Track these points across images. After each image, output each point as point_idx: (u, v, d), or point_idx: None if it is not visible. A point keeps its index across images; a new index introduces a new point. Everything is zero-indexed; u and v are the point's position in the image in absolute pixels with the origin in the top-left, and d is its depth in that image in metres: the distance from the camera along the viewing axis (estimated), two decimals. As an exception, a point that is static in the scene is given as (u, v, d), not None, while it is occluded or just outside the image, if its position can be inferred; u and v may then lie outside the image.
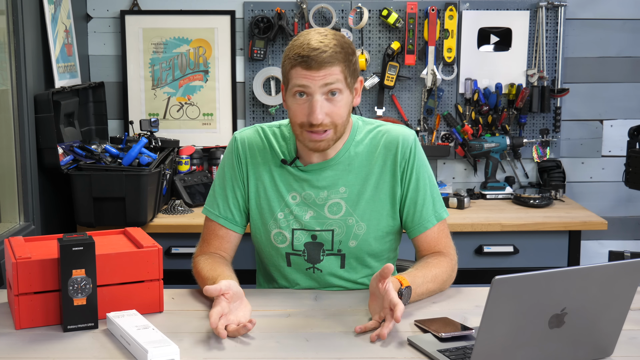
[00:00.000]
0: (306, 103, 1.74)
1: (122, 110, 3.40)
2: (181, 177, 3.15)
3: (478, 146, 3.28)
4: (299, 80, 1.72)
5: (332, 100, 1.74)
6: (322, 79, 1.71)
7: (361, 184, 1.87)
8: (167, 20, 3.35)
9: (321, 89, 1.72)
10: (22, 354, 1.52)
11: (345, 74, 1.74)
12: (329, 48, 1.70)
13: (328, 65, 1.70)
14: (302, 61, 1.70)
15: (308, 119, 1.74)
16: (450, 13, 3.29)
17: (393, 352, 1.52)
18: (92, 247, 1.62)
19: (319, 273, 1.91)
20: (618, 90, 3.44)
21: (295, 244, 1.89)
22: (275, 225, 1.89)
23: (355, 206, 1.86)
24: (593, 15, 3.39)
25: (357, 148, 1.88)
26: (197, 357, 1.50)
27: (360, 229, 1.87)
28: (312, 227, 1.87)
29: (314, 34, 1.74)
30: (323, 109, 1.73)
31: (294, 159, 1.87)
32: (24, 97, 2.53)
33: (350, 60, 1.75)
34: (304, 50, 1.70)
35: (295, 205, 1.88)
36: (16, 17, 2.51)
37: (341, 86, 1.73)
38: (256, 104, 3.39)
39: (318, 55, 1.69)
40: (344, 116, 1.77)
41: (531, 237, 2.93)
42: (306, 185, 1.87)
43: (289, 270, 1.93)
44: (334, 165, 1.87)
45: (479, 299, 1.81)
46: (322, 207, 1.87)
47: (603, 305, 1.38)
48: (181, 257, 2.88)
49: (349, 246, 1.88)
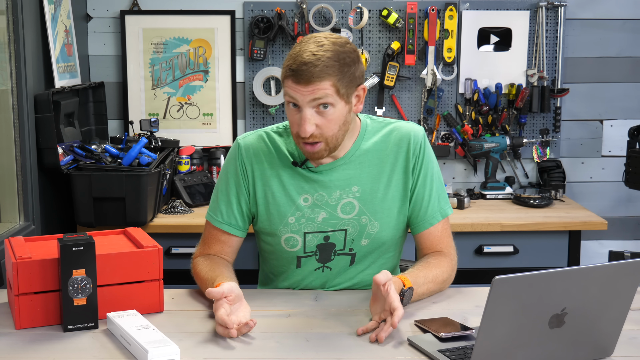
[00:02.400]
0: (298, 114, 1.74)
1: (122, 110, 3.40)
2: (181, 177, 3.15)
3: (478, 146, 3.28)
4: (290, 92, 1.72)
5: (323, 113, 1.72)
6: (310, 94, 1.69)
7: (373, 182, 1.87)
8: (167, 20, 3.35)
9: (310, 103, 1.71)
10: (22, 354, 1.52)
11: (338, 86, 1.70)
12: (321, 62, 1.68)
13: (317, 80, 1.68)
14: (292, 74, 1.69)
15: (298, 132, 1.74)
16: (450, 13, 3.29)
17: (393, 352, 1.52)
18: (92, 247, 1.62)
19: (328, 271, 1.92)
20: (618, 90, 3.44)
21: (307, 247, 1.88)
22: (286, 229, 1.87)
23: (368, 205, 1.86)
24: (593, 15, 3.39)
25: (367, 145, 1.87)
26: (197, 357, 1.50)
27: (373, 227, 1.87)
28: (325, 228, 1.87)
29: (311, 44, 1.71)
30: (312, 122, 1.72)
31: (304, 160, 1.85)
32: (24, 97, 2.54)
33: (345, 72, 1.71)
34: (295, 64, 1.69)
35: (307, 208, 1.86)
36: (16, 17, 2.51)
37: (332, 100, 1.71)
38: (256, 104, 3.39)
39: (307, 70, 1.67)
40: (335, 129, 1.75)
41: (531, 237, 2.93)
42: (318, 186, 1.86)
43: (297, 271, 1.93)
44: (345, 164, 1.86)
45: (479, 299, 1.81)
46: (335, 207, 1.86)
47: (603, 305, 1.38)
48: (181, 257, 2.88)
49: (360, 245, 1.89)
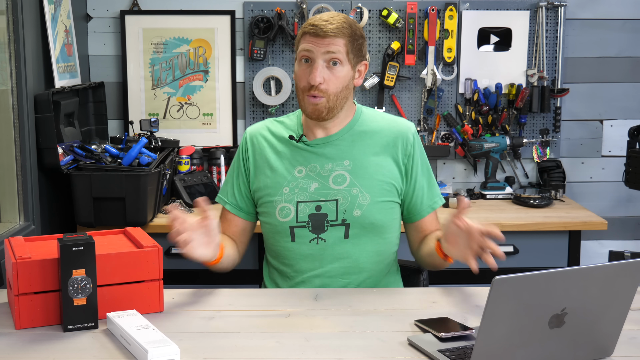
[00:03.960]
0: (309, 68, 1.91)
1: (122, 110, 3.40)
2: (181, 177, 3.15)
3: (478, 146, 3.28)
4: (305, 45, 1.90)
5: (332, 69, 1.90)
6: (325, 46, 1.88)
7: (364, 159, 1.98)
8: (167, 20, 3.35)
9: (323, 56, 1.89)
10: (22, 354, 1.52)
11: (348, 48, 1.90)
12: (337, 22, 1.89)
13: (333, 35, 1.88)
14: (311, 29, 1.89)
15: (308, 81, 1.90)
16: (450, 13, 3.29)
17: (393, 352, 1.52)
18: (92, 247, 1.62)
19: (323, 244, 1.95)
20: (618, 90, 3.44)
21: (299, 216, 1.95)
22: (281, 199, 1.97)
23: (359, 177, 1.96)
24: (593, 15, 3.39)
25: (361, 128, 2.00)
26: (197, 357, 1.50)
27: (364, 198, 1.95)
28: (316, 198, 1.95)
29: (328, 12, 1.95)
30: (322, 74, 1.89)
31: (300, 135, 2.00)
32: (24, 97, 2.53)
33: (355, 40, 1.92)
34: (315, 21, 1.91)
35: (301, 178, 1.97)
36: (16, 17, 2.51)
37: (342, 57, 1.90)
38: (256, 104, 3.39)
39: (325, 26, 1.88)
40: (339, 87, 1.91)
41: (531, 237, 2.93)
42: (312, 157, 1.98)
43: (293, 245, 1.96)
44: (338, 140, 1.99)
45: (479, 299, 1.81)
46: (327, 178, 1.96)
47: (603, 305, 1.38)
48: (181, 257, 2.86)
49: (353, 215, 1.94)
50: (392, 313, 1.72)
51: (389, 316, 1.71)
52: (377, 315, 1.72)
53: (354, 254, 1.96)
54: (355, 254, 1.96)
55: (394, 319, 1.69)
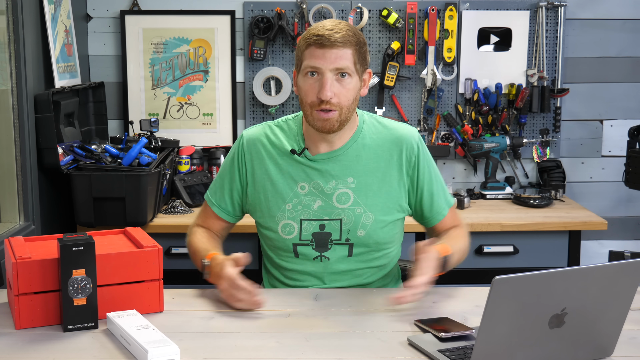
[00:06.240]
0: (317, 82, 1.82)
1: (122, 110, 3.40)
2: (181, 177, 3.15)
3: (478, 146, 3.28)
4: (312, 60, 1.81)
5: (341, 82, 1.82)
6: (333, 61, 1.80)
7: (368, 175, 1.92)
8: (167, 20, 3.35)
9: (332, 70, 1.81)
10: (22, 354, 1.52)
11: (355, 58, 1.83)
12: (342, 31, 1.81)
13: (340, 45, 1.80)
14: (317, 39, 1.80)
15: (318, 96, 1.81)
16: (450, 13, 3.29)
17: (393, 352, 1.52)
18: (92, 247, 1.62)
19: (327, 261, 1.94)
20: (618, 90, 3.44)
21: (303, 234, 1.92)
22: (284, 216, 1.93)
23: (363, 195, 1.92)
24: (593, 15, 3.39)
25: (364, 140, 1.94)
26: (197, 357, 1.50)
27: (368, 218, 1.92)
28: (320, 216, 1.92)
29: (329, 20, 1.86)
30: (332, 88, 1.81)
31: (302, 149, 1.92)
32: (24, 97, 2.54)
33: (360, 48, 1.85)
34: (320, 31, 1.81)
35: (304, 195, 1.92)
36: (16, 17, 2.51)
37: (351, 70, 1.82)
38: (256, 104, 3.39)
39: (331, 35, 1.79)
40: (351, 99, 1.84)
41: (531, 237, 2.93)
42: (315, 174, 1.92)
43: (296, 261, 1.95)
44: (342, 155, 1.92)
45: (479, 299, 1.81)
46: (331, 196, 1.91)
47: (603, 305, 1.38)
48: (181, 257, 2.87)
49: (357, 235, 1.92)
50: (392, 313, 1.72)
51: (389, 316, 1.71)
52: (377, 315, 1.72)
53: (358, 271, 1.96)
54: (358, 270, 1.96)
55: (394, 319, 1.69)
